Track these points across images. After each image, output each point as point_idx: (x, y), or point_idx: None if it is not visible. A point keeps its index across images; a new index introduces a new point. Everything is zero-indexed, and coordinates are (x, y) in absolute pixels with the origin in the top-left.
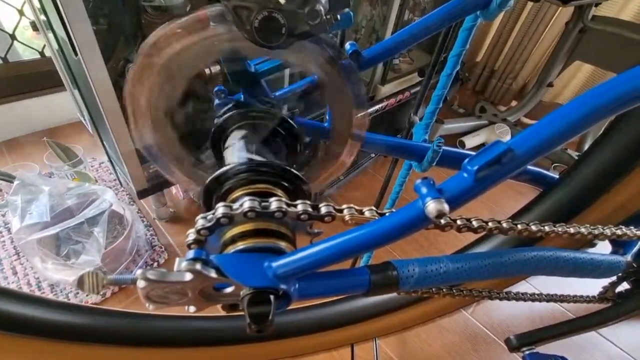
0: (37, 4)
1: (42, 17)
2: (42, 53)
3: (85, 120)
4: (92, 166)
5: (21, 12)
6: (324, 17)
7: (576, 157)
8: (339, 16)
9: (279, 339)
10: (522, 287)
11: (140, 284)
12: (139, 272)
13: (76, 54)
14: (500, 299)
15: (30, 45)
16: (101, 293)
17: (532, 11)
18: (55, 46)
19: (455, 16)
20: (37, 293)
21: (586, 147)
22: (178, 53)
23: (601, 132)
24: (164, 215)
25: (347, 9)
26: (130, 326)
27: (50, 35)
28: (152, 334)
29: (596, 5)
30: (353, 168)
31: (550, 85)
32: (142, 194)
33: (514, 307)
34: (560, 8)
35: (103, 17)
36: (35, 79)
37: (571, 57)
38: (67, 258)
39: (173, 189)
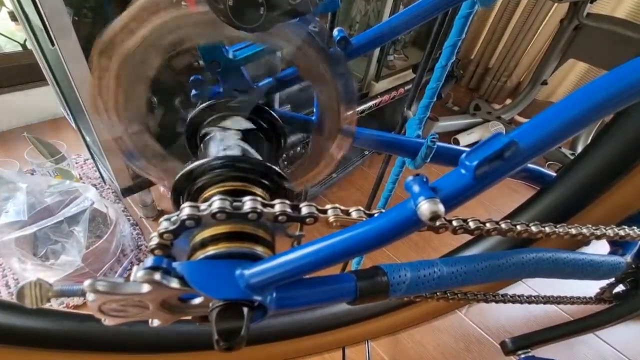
0: None
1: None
2: (24, 45)
3: (67, 115)
4: (76, 163)
5: (1, 3)
6: None
7: (570, 156)
8: None
9: (268, 343)
10: (518, 288)
11: (90, 297)
12: (86, 282)
13: (53, 44)
14: (496, 302)
15: (12, 37)
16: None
17: (527, 8)
18: (31, 36)
19: (450, 1)
20: None
21: (580, 146)
22: (149, 34)
23: (595, 129)
24: (150, 213)
25: None
26: (110, 331)
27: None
28: (132, 339)
29: (591, 2)
30: (345, 166)
31: (545, 83)
32: (127, 191)
33: (508, 308)
34: (555, 5)
35: (87, 9)
36: (17, 72)
37: (566, 54)
38: (46, 259)
39: (160, 186)
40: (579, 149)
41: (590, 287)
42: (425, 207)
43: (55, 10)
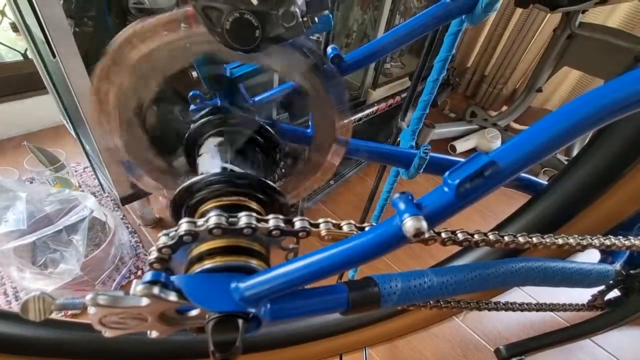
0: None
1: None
2: (24, 55)
3: (67, 123)
4: (75, 171)
5: (2, 13)
6: (300, 20)
7: (565, 162)
8: (316, 19)
9: (264, 351)
10: (511, 295)
11: (91, 310)
12: (88, 296)
13: (54, 56)
14: (489, 310)
15: (13, 47)
16: None
17: (521, 17)
18: (33, 47)
19: (440, 20)
20: (14, 303)
21: (575, 152)
22: (150, 53)
23: (589, 138)
24: (149, 221)
25: (326, 11)
26: (110, 340)
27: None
28: (132, 348)
29: (583, 12)
30: (343, 173)
31: (539, 90)
32: (126, 199)
33: (505, 314)
34: (549, 15)
35: (88, 19)
36: (17, 81)
37: (559, 62)
38: (44, 267)
39: (159, 196)
40: (574, 154)
41: (585, 294)
42: (409, 224)
43: (57, 22)
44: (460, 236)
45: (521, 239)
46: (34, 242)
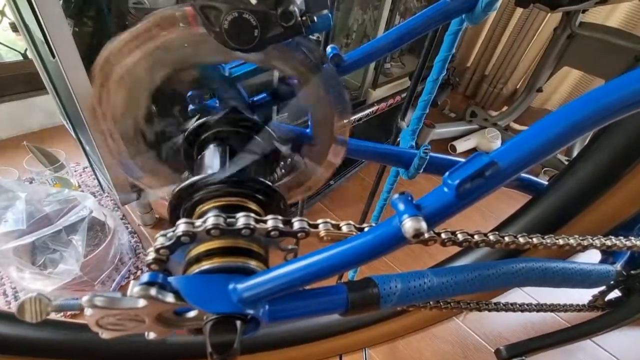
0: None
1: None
2: (24, 55)
3: (67, 124)
4: (75, 171)
5: (2, 13)
6: (299, 19)
7: (566, 162)
8: (316, 18)
9: (264, 351)
10: (512, 295)
11: (87, 311)
12: (84, 298)
13: (53, 56)
14: (489, 310)
15: (13, 47)
16: None
17: (522, 17)
18: (32, 47)
19: (440, 19)
20: (14, 303)
21: (575, 152)
22: (144, 56)
23: (590, 138)
24: (149, 221)
25: (325, 11)
26: (107, 342)
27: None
28: (130, 349)
29: (583, 11)
30: (343, 173)
31: (540, 90)
32: (126, 200)
33: (505, 314)
34: (549, 14)
35: (87, 19)
36: (17, 81)
37: (560, 62)
38: (44, 267)
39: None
40: (575, 155)
41: (585, 295)
42: (409, 225)
43: (56, 22)
44: (460, 237)
45: (521, 240)
46: (33, 243)
